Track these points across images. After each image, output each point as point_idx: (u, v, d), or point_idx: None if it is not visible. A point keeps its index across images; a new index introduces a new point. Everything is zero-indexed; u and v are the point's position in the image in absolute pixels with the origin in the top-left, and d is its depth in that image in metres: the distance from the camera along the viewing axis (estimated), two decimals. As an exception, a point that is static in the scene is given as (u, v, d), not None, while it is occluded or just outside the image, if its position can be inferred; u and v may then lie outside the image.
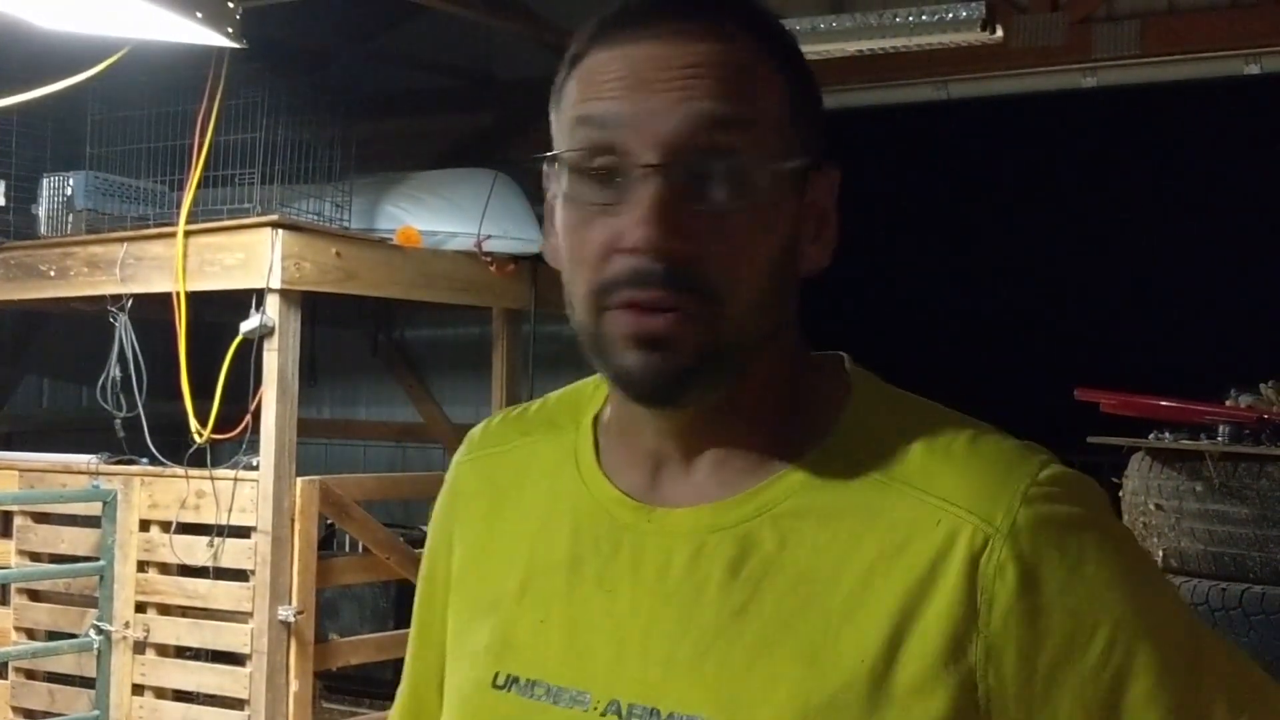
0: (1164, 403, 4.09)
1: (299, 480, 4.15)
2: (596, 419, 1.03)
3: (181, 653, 4.35)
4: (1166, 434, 4.04)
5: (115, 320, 4.31)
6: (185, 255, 4.20)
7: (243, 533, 4.14)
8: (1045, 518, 0.87)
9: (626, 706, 0.90)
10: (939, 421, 0.94)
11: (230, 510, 4.13)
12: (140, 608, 4.30)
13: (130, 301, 4.30)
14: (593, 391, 1.05)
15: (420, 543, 5.15)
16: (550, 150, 0.94)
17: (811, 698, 0.86)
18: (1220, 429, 3.89)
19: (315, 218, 4.35)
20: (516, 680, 0.95)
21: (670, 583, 0.91)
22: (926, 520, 0.88)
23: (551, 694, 0.93)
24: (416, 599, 1.12)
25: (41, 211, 4.57)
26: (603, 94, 0.89)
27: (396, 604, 5.08)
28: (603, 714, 0.91)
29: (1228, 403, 4.07)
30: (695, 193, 0.87)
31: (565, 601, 0.96)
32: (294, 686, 4.10)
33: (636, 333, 0.87)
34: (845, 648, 0.86)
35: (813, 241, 0.94)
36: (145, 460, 4.38)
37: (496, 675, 0.96)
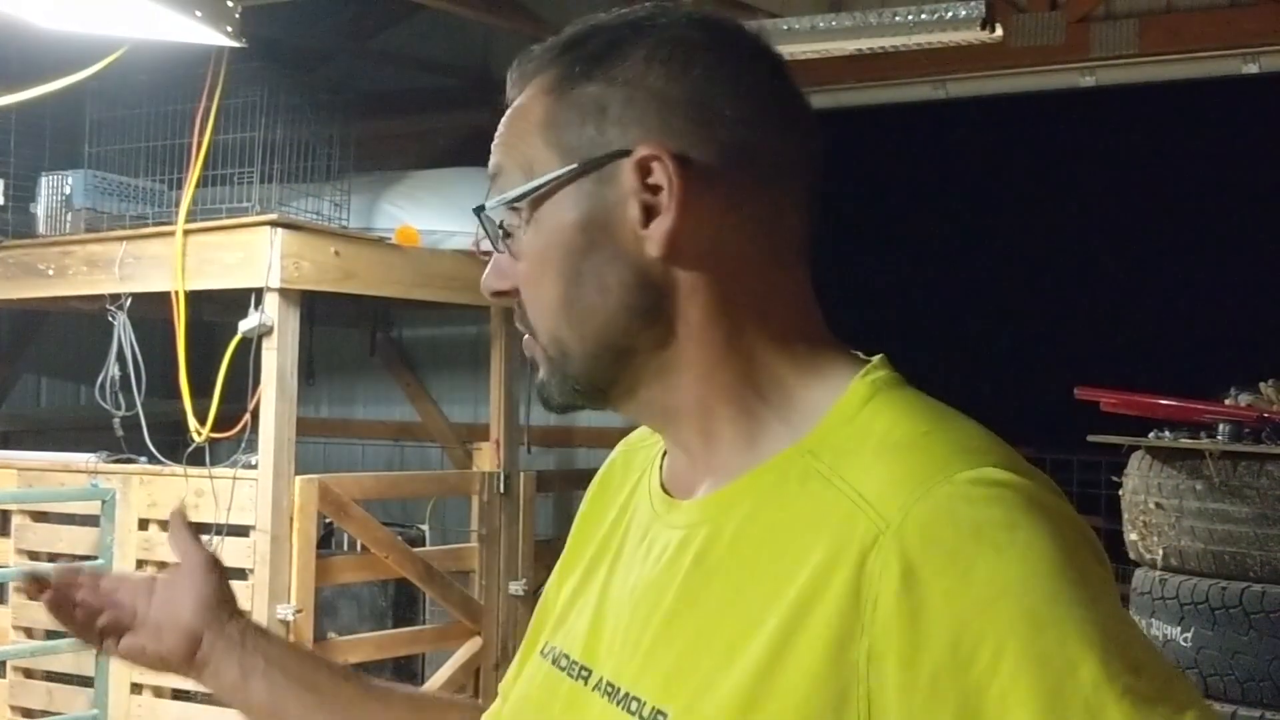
0: (1164, 401, 4.09)
1: (297, 479, 4.15)
2: None
3: (180, 652, 4.34)
4: (1166, 433, 4.04)
5: (114, 319, 4.30)
6: (184, 254, 4.20)
7: (241, 531, 4.14)
8: (942, 517, 0.82)
9: (605, 683, 0.95)
10: (910, 421, 0.90)
11: (229, 509, 4.12)
12: (139, 607, 4.30)
13: (129, 300, 4.30)
14: None
15: (417, 542, 5.15)
16: None
17: (719, 684, 0.87)
18: (1220, 428, 3.88)
19: (314, 217, 4.35)
20: (554, 650, 1.03)
21: (658, 569, 0.96)
22: (837, 514, 0.86)
23: (569, 666, 1.01)
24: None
25: (40, 210, 4.57)
26: None
27: (395, 603, 5.08)
28: (592, 690, 0.97)
29: (1227, 401, 4.07)
30: (492, 238, 0.99)
31: (602, 585, 1.03)
32: (293, 685, 4.10)
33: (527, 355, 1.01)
34: (752, 636, 0.86)
35: (643, 226, 0.92)
36: (144, 459, 4.37)
37: (545, 644, 1.06)
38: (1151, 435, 4.07)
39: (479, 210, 0.99)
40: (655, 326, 0.94)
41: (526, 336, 1.00)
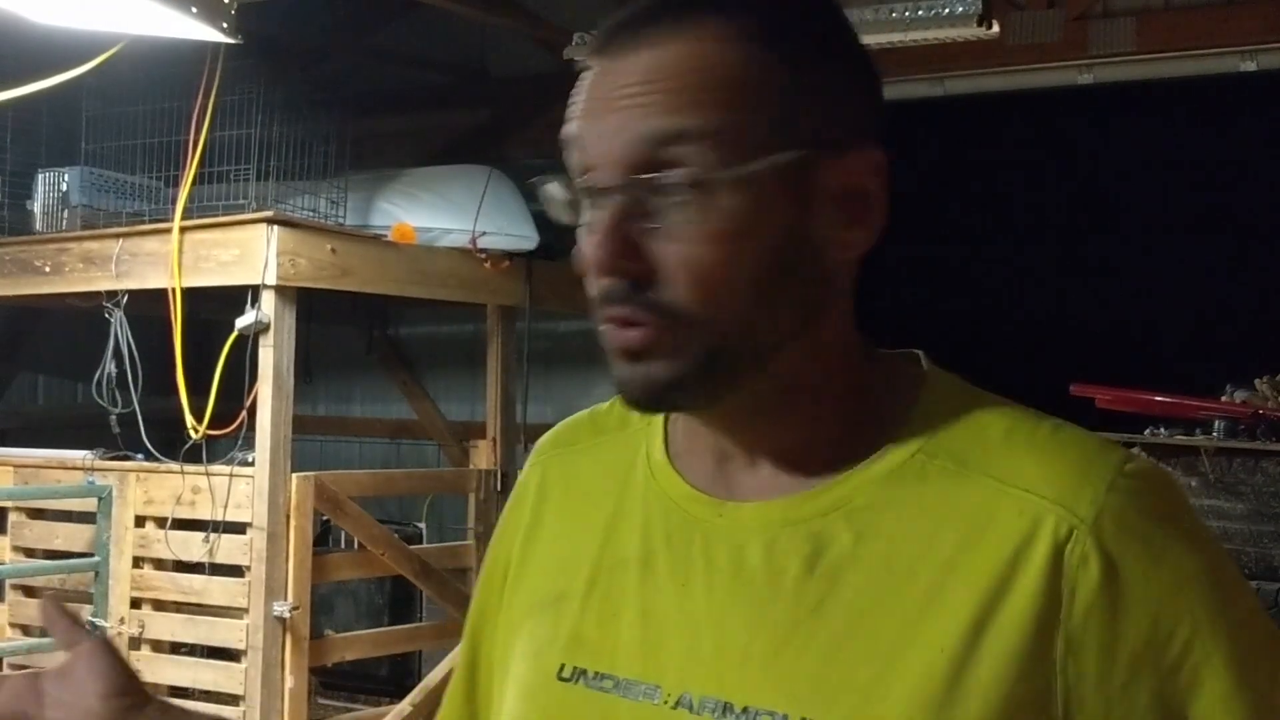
0: (1159, 398, 4.09)
1: (294, 476, 4.15)
2: (668, 416, 1.02)
3: (176, 648, 4.35)
4: (1162, 429, 4.05)
5: (110, 316, 4.30)
6: (180, 251, 4.20)
7: (238, 529, 4.14)
8: (1129, 510, 0.86)
9: (699, 699, 0.89)
10: (1016, 414, 0.93)
11: (225, 506, 4.12)
12: (135, 603, 4.30)
13: (125, 297, 4.29)
14: None
15: (413, 539, 5.14)
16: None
17: (890, 691, 0.85)
18: (1215, 424, 3.89)
19: (310, 214, 4.35)
20: (584, 673, 0.95)
21: (744, 577, 0.91)
22: (1008, 510, 0.87)
23: (620, 686, 0.93)
24: (478, 586, 1.12)
25: (37, 207, 4.56)
26: (572, 116, 0.91)
27: (391, 600, 5.08)
28: (674, 707, 0.90)
29: (1223, 398, 4.08)
30: (650, 211, 0.87)
31: (637, 596, 0.95)
32: (289, 682, 4.10)
33: (617, 346, 0.89)
34: (924, 639, 0.85)
35: (844, 228, 0.90)
36: (140, 456, 4.38)
37: (563, 667, 0.96)
38: (1147, 432, 4.08)
39: (680, 169, 0.85)
40: (812, 327, 0.91)
41: (645, 323, 0.87)
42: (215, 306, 4.56)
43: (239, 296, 4.15)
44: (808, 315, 0.91)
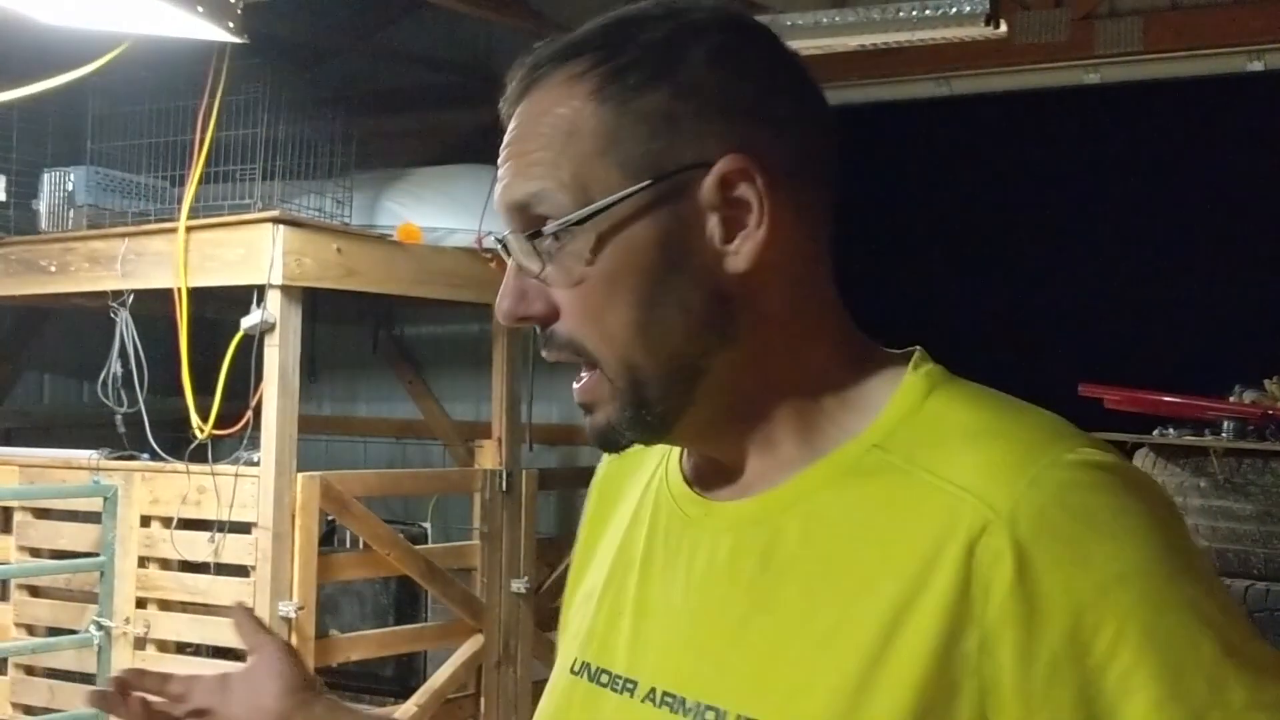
0: (1168, 399, 4.09)
1: (300, 476, 4.15)
2: None
3: (182, 648, 4.34)
4: (1171, 430, 4.05)
5: (116, 316, 4.30)
6: (186, 251, 4.20)
7: (243, 528, 4.14)
8: (1053, 503, 0.82)
9: (661, 694, 0.92)
10: (985, 407, 0.90)
11: (231, 506, 4.12)
12: (141, 603, 4.30)
13: (131, 297, 4.29)
14: None
15: (419, 539, 5.14)
16: None
17: (813, 689, 0.85)
18: (1225, 425, 3.89)
19: (316, 214, 4.34)
20: (588, 667, 0.99)
21: (713, 574, 0.93)
22: (935, 504, 0.85)
23: (611, 681, 0.97)
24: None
25: (42, 207, 4.56)
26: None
27: (397, 600, 5.08)
28: (643, 700, 0.93)
29: (1232, 399, 4.07)
30: (535, 264, 0.91)
31: (637, 594, 0.99)
32: (295, 683, 4.09)
33: (576, 401, 0.94)
34: (847, 637, 0.85)
35: (729, 240, 0.89)
36: (146, 456, 4.37)
37: (575, 661, 1.01)
38: (1156, 432, 4.08)
39: (509, 235, 0.92)
40: (731, 342, 0.91)
41: (585, 377, 0.92)
42: (221, 306, 4.56)
43: (244, 296, 4.14)
44: (723, 333, 0.90)
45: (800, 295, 0.93)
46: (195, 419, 4.11)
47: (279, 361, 4.10)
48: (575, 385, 0.94)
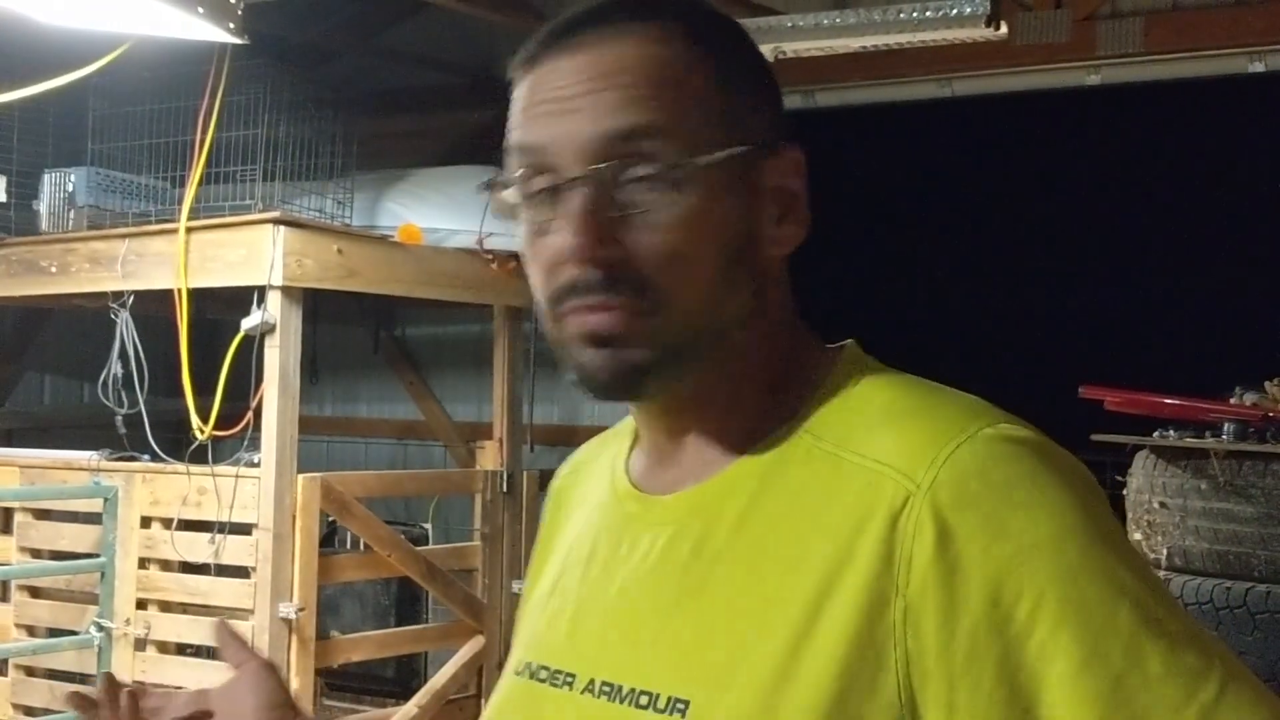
0: (1169, 400, 4.08)
1: (300, 477, 4.15)
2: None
3: (182, 650, 4.34)
4: (1171, 432, 4.04)
5: (117, 317, 4.30)
6: (187, 252, 4.20)
7: (244, 529, 4.14)
8: (971, 475, 0.84)
9: (600, 684, 0.93)
10: (905, 390, 0.93)
11: (231, 507, 4.12)
12: (141, 604, 4.30)
13: (132, 298, 4.29)
14: None
15: (420, 540, 5.13)
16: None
17: (741, 670, 0.86)
18: (1225, 427, 3.88)
19: (317, 214, 4.35)
20: (530, 665, 1.00)
21: (649, 565, 0.94)
22: (856, 481, 0.87)
23: (550, 675, 0.97)
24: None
25: (43, 208, 4.56)
26: (526, 119, 0.93)
27: (398, 601, 5.08)
28: (581, 692, 0.94)
29: (1233, 400, 4.07)
30: (621, 200, 0.90)
31: (578, 593, 1.00)
32: (294, 683, 4.09)
33: (588, 331, 0.91)
34: (773, 619, 0.86)
35: (776, 224, 0.94)
36: (146, 457, 4.37)
37: (519, 662, 1.02)
38: (1156, 434, 4.07)
39: (648, 160, 0.89)
40: (752, 317, 0.94)
41: (618, 309, 0.90)
42: (221, 307, 4.56)
43: (245, 297, 4.14)
44: (752, 306, 0.94)
45: (786, 291, 0.98)
46: (196, 420, 4.11)
47: (279, 362, 4.10)
48: (586, 315, 0.91)
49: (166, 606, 4.28)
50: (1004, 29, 3.80)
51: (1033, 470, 0.85)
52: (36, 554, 4.58)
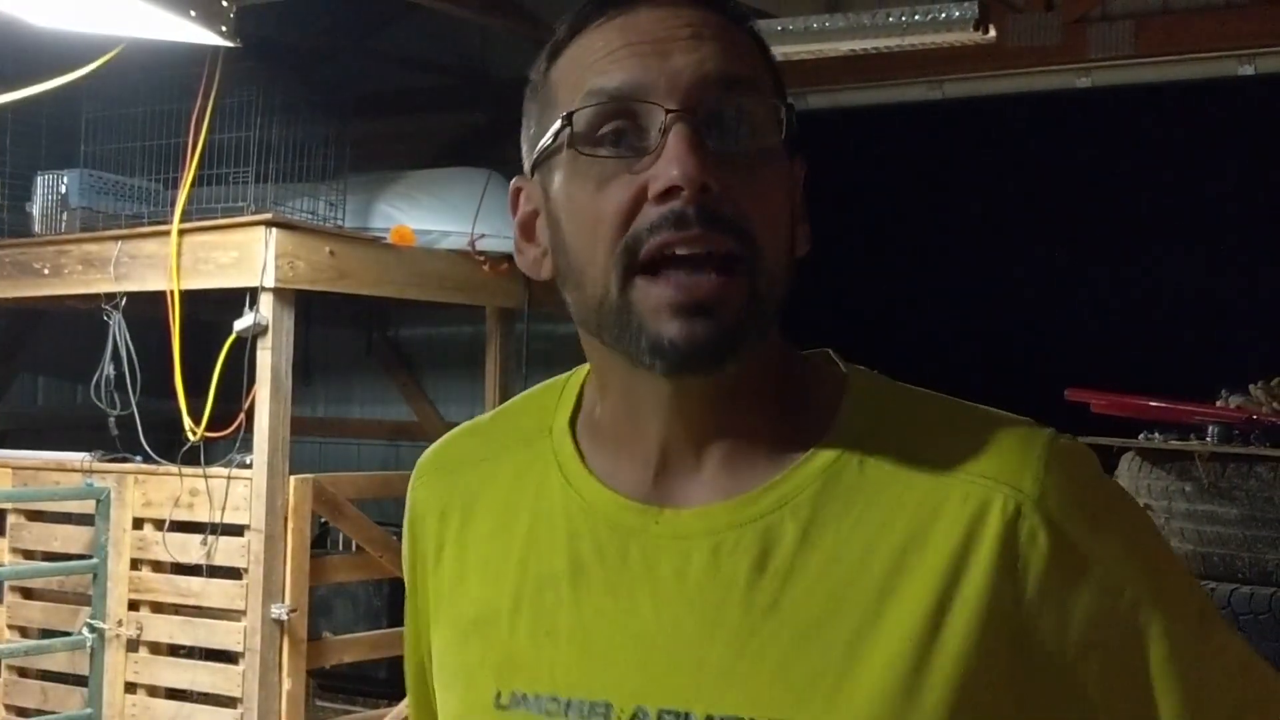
0: (1154, 403, 4.10)
1: (292, 478, 4.16)
2: (572, 423, 1.00)
3: (174, 651, 4.35)
4: (1156, 434, 4.06)
5: (109, 318, 4.31)
6: (179, 254, 4.21)
7: (236, 531, 4.14)
8: (1069, 483, 0.90)
9: (656, 713, 0.88)
10: (939, 403, 0.96)
11: (224, 508, 4.13)
12: (133, 606, 4.31)
13: (124, 300, 4.30)
14: (558, 398, 1.03)
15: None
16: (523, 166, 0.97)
17: (857, 684, 0.85)
18: (1210, 429, 3.90)
19: (309, 216, 4.35)
20: (525, 697, 0.92)
21: (691, 585, 0.90)
22: (954, 494, 0.89)
23: (565, 707, 0.91)
24: (406, 612, 1.09)
25: (36, 209, 4.57)
26: (610, 62, 0.89)
27: (390, 602, 5.09)
28: None
29: (1218, 403, 4.09)
30: (718, 139, 0.87)
31: (571, 612, 0.93)
32: (287, 685, 4.11)
33: (681, 300, 0.86)
34: (886, 630, 0.86)
35: (798, 224, 0.94)
36: (139, 458, 4.38)
37: (499, 695, 0.94)
38: (1141, 437, 4.08)
39: (746, 101, 0.89)
40: (784, 303, 0.93)
41: (717, 277, 0.86)
42: (214, 309, 4.56)
43: (237, 299, 4.15)
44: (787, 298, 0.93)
45: None
46: (188, 421, 4.12)
47: (271, 364, 4.11)
48: (698, 281, 0.86)
49: (159, 608, 4.29)
50: (992, 33, 3.82)
51: (1099, 471, 0.95)
52: (29, 555, 4.59)
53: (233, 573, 4.16)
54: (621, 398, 0.95)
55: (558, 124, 0.91)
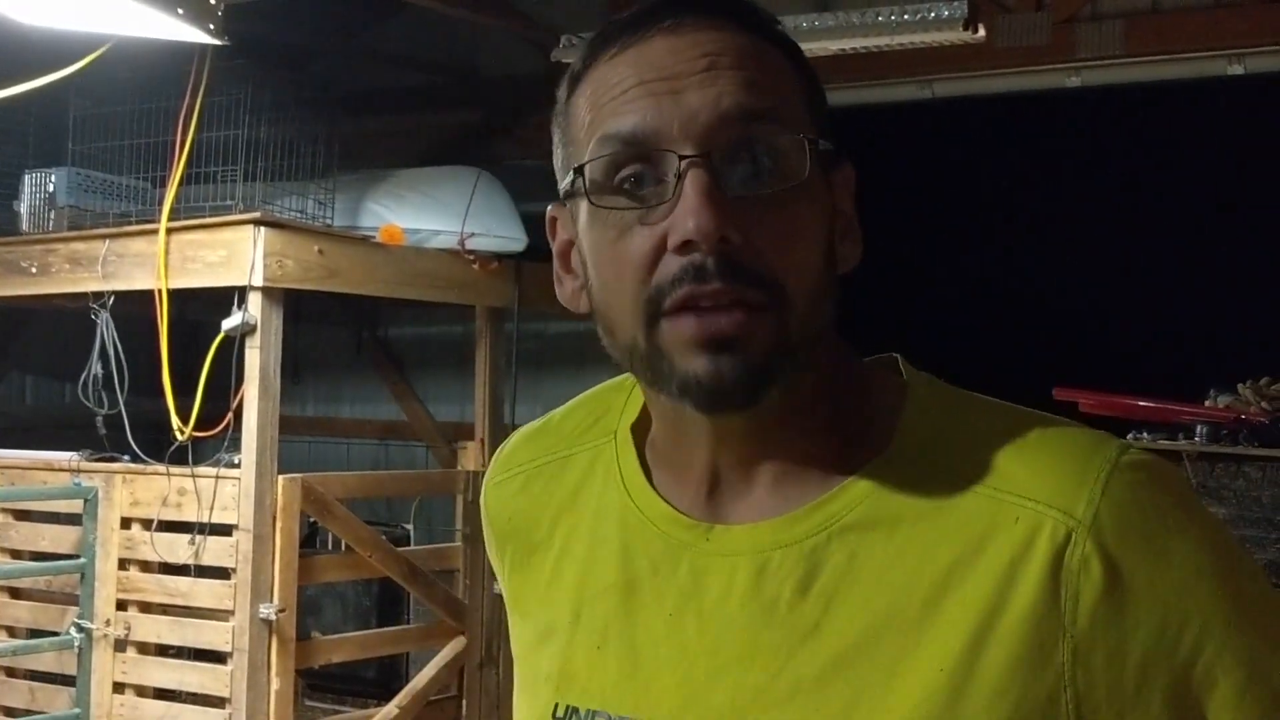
0: (1143, 403, 4.11)
1: (281, 478, 4.15)
2: (634, 429, 0.99)
3: (163, 651, 4.34)
4: (1145, 434, 4.07)
5: (97, 317, 4.29)
6: (167, 252, 4.19)
7: (224, 530, 4.13)
8: (1129, 507, 0.83)
9: None
10: (1005, 417, 0.91)
11: (212, 508, 4.12)
12: (121, 605, 4.29)
13: (112, 298, 4.28)
14: (625, 400, 1.02)
15: (401, 541, 5.13)
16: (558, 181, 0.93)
17: (891, 711, 0.83)
18: (1198, 429, 3.91)
19: (298, 215, 4.34)
20: (576, 711, 0.92)
21: (734, 603, 0.88)
22: (1003, 518, 0.84)
23: None
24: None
25: (23, 208, 4.55)
26: (623, 103, 0.86)
27: (379, 602, 5.08)
28: None
29: (1206, 403, 4.10)
30: (740, 180, 0.84)
31: (622, 626, 0.92)
32: (275, 684, 4.10)
33: (701, 336, 0.83)
34: (924, 656, 0.83)
35: (842, 239, 0.91)
36: (127, 458, 4.36)
37: (556, 707, 0.94)
38: (1130, 436, 4.09)
39: (766, 138, 0.84)
40: (826, 334, 0.90)
41: (740, 315, 0.83)
42: (202, 307, 4.55)
43: (226, 298, 4.14)
44: (832, 317, 0.90)
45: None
46: (176, 421, 4.11)
47: (260, 363, 4.10)
48: (704, 318, 0.83)
49: (147, 607, 4.28)
50: (981, 32, 3.83)
51: (1171, 494, 0.86)
52: (16, 555, 4.57)
53: (221, 572, 4.15)
54: (670, 425, 0.94)
55: (571, 175, 0.88)
